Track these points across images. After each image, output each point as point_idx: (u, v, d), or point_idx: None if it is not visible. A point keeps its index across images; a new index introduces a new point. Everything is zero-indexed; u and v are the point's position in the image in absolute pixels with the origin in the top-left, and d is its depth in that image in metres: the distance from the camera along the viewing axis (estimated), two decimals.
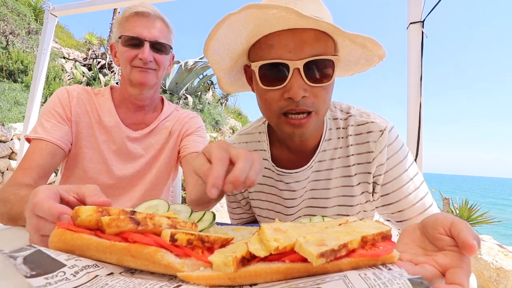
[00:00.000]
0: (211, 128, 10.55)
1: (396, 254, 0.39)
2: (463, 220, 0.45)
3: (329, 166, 0.90)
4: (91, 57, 9.46)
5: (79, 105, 1.17)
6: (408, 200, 0.83)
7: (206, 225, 0.55)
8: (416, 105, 1.68)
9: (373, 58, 0.82)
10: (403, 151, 0.86)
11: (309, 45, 0.69)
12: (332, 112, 0.92)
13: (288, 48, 0.69)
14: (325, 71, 0.72)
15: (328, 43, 0.73)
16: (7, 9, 7.64)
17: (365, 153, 0.85)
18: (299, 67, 0.69)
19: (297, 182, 0.92)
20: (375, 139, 0.83)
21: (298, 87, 0.69)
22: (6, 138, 4.52)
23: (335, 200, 0.91)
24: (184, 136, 1.29)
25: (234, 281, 0.37)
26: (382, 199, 0.87)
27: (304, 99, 0.71)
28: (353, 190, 0.89)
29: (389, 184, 0.84)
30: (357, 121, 0.87)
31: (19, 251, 0.37)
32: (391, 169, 0.84)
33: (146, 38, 1.10)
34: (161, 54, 1.15)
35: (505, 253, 3.24)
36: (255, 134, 1.01)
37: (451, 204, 5.83)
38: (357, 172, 0.88)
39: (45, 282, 0.33)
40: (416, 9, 1.73)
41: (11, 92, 5.86)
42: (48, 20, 2.74)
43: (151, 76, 1.15)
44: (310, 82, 0.71)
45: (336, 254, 0.36)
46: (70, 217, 0.44)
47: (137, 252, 0.40)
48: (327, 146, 0.90)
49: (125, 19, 1.12)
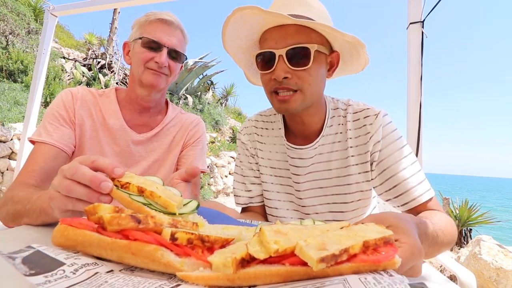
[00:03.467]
0: (211, 128, 10.55)
1: (398, 260, 0.39)
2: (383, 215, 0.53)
3: (330, 149, 1.03)
4: (91, 57, 9.47)
5: (83, 108, 1.18)
6: (402, 174, 0.91)
7: (188, 211, 0.57)
8: (416, 105, 1.68)
9: (357, 47, 0.93)
10: (397, 133, 0.98)
11: (291, 36, 0.86)
12: (334, 104, 1.07)
13: (276, 40, 0.88)
14: (304, 56, 0.87)
15: (310, 34, 0.88)
16: (7, 9, 7.64)
17: (363, 135, 0.98)
18: (282, 54, 0.87)
19: (300, 159, 1.06)
20: (371, 121, 0.97)
21: (280, 69, 0.87)
22: (6, 138, 4.52)
23: (334, 181, 1.03)
24: (185, 146, 1.33)
25: (233, 282, 0.37)
26: (380, 177, 0.96)
27: (287, 79, 0.88)
28: (350, 170, 1.00)
29: (384, 160, 0.94)
30: (355, 109, 1.03)
31: (18, 252, 0.38)
32: (386, 147, 0.95)
33: (165, 44, 1.15)
34: (176, 62, 1.20)
35: (505, 253, 3.24)
36: (271, 116, 1.19)
37: (451, 204, 5.83)
38: (355, 154, 1.00)
39: (45, 280, 0.34)
40: (416, 9, 1.73)
41: (11, 92, 5.86)
42: (48, 20, 2.73)
43: (162, 80, 1.19)
44: (291, 66, 0.87)
45: (337, 259, 0.36)
46: (85, 211, 0.46)
47: (137, 250, 0.40)
48: (329, 131, 1.04)
49: (148, 23, 1.17)
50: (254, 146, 1.19)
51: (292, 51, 0.86)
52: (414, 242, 0.48)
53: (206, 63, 10.85)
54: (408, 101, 1.71)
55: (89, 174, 0.53)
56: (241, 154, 1.23)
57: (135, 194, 0.54)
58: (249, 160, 1.20)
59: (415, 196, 0.89)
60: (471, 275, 1.09)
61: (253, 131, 1.20)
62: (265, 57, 0.90)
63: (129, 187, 0.54)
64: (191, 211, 0.57)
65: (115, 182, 0.55)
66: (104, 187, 0.52)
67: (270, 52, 0.88)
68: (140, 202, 0.53)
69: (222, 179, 8.68)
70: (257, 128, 1.19)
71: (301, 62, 0.87)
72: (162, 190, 0.56)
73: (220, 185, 8.47)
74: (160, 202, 0.54)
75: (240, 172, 1.22)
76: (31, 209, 0.71)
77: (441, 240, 0.70)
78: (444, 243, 0.72)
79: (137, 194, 0.54)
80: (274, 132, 1.15)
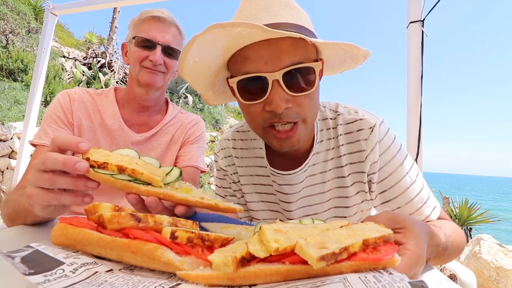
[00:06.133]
0: (211, 127, 10.54)
1: (398, 259, 0.39)
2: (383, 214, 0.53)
3: (323, 169, 0.89)
4: (91, 56, 9.45)
5: (80, 108, 1.18)
6: (406, 195, 0.81)
7: (173, 179, 0.57)
8: (416, 104, 1.67)
9: (358, 57, 0.80)
10: (396, 145, 0.84)
11: (286, 53, 0.66)
12: (322, 113, 0.90)
13: (265, 59, 0.66)
14: (307, 79, 0.69)
15: (307, 48, 0.69)
16: (7, 8, 7.62)
17: (357, 152, 0.84)
18: (278, 78, 0.66)
19: (289, 186, 0.90)
20: (366, 136, 0.82)
21: (279, 99, 0.67)
22: (6, 137, 4.52)
23: (331, 203, 0.91)
24: (184, 143, 1.32)
25: (233, 281, 0.37)
26: (381, 197, 0.84)
27: (287, 110, 0.69)
28: (347, 191, 0.87)
29: (386, 180, 0.82)
30: (346, 119, 0.86)
31: (17, 252, 0.38)
32: (386, 164, 0.82)
33: (159, 42, 1.14)
34: (171, 59, 1.19)
35: (505, 252, 3.24)
36: (250, 132, 0.99)
37: (451, 203, 5.83)
38: (351, 172, 0.86)
39: (44, 279, 0.34)
40: (416, 8, 1.72)
41: (11, 91, 5.85)
42: (48, 19, 2.73)
43: (159, 78, 1.18)
44: (291, 92, 0.68)
45: (336, 257, 0.36)
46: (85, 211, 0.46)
47: (137, 248, 0.40)
48: (319, 148, 0.88)
49: (141, 21, 1.16)
50: (234, 171, 1.03)
51: (290, 74, 0.67)
52: (420, 252, 0.47)
53: None
54: (408, 101, 1.71)
55: (61, 157, 0.51)
56: (221, 179, 1.08)
57: (116, 173, 0.53)
58: (232, 187, 1.06)
59: (421, 219, 0.80)
60: (471, 274, 1.09)
61: (231, 153, 1.02)
62: (252, 83, 0.69)
63: (108, 166, 0.53)
64: (176, 179, 0.58)
65: (90, 162, 0.53)
66: (80, 167, 0.50)
67: (260, 78, 0.67)
68: (125, 180, 0.53)
69: None
70: (236, 150, 1.01)
71: (303, 86, 0.69)
72: (142, 166, 0.55)
73: None
74: (143, 178, 0.53)
75: (222, 194, 1.09)
76: (18, 211, 0.71)
77: (450, 252, 0.69)
78: (452, 254, 0.71)
79: (118, 173, 0.53)
80: (255, 152, 0.98)
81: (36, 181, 0.52)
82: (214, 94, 0.89)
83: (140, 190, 0.53)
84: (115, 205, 0.46)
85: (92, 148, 0.56)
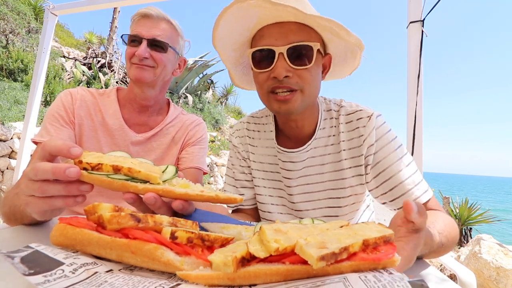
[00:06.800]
0: (211, 127, 10.54)
1: (398, 258, 0.39)
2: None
3: (323, 152, 1.01)
4: (91, 56, 9.45)
5: (82, 108, 1.19)
6: (398, 177, 0.89)
7: (170, 176, 0.57)
8: (413, 102, 1.68)
9: (355, 50, 0.92)
10: (391, 134, 0.95)
11: (293, 33, 0.83)
12: (327, 105, 1.04)
13: (275, 36, 0.84)
14: (307, 54, 0.84)
15: (310, 33, 0.86)
16: (7, 8, 7.62)
17: (356, 138, 0.96)
18: (283, 51, 0.82)
19: (292, 163, 1.03)
20: (364, 124, 0.94)
21: (282, 67, 0.83)
22: (6, 137, 4.52)
23: (327, 184, 1.01)
24: (185, 145, 1.31)
25: (233, 281, 0.37)
26: (375, 180, 0.94)
27: (287, 78, 0.84)
28: (343, 173, 0.98)
29: (380, 163, 0.92)
30: (347, 110, 1.00)
31: (17, 252, 0.37)
32: (381, 149, 0.93)
33: (144, 36, 1.14)
34: (159, 52, 1.17)
35: (505, 252, 3.24)
36: (263, 118, 1.16)
37: (451, 203, 5.83)
38: (348, 157, 0.97)
39: (44, 280, 0.34)
40: (416, 8, 1.72)
41: (11, 91, 5.85)
42: (48, 19, 2.73)
43: (147, 73, 1.16)
44: (293, 64, 0.83)
45: (336, 257, 0.36)
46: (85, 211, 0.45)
47: (137, 249, 0.40)
48: (321, 134, 1.01)
49: (132, 21, 1.19)
50: (246, 149, 1.16)
51: (293, 49, 0.82)
52: (414, 257, 0.52)
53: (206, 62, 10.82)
54: (408, 99, 1.71)
55: (49, 167, 0.50)
56: (233, 157, 1.20)
57: (112, 173, 0.52)
58: (241, 163, 1.17)
59: (412, 199, 0.86)
60: (471, 274, 1.09)
61: (244, 134, 1.17)
62: (263, 54, 0.86)
63: (102, 167, 0.52)
64: (173, 176, 0.57)
65: (83, 165, 0.52)
66: (70, 173, 0.49)
67: (269, 50, 0.84)
68: (122, 179, 0.52)
69: (223, 178, 8.68)
70: (249, 131, 1.16)
71: (302, 61, 0.84)
72: (138, 165, 0.55)
73: (220, 184, 8.47)
74: (140, 176, 0.53)
75: (232, 175, 1.19)
76: (14, 211, 0.70)
77: (445, 247, 0.72)
78: (447, 248, 0.74)
79: (114, 173, 0.53)
80: (265, 134, 1.12)
81: (28, 191, 0.53)
82: (239, 74, 1.08)
83: (138, 189, 0.53)
84: (114, 205, 0.46)
85: (84, 151, 0.55)
